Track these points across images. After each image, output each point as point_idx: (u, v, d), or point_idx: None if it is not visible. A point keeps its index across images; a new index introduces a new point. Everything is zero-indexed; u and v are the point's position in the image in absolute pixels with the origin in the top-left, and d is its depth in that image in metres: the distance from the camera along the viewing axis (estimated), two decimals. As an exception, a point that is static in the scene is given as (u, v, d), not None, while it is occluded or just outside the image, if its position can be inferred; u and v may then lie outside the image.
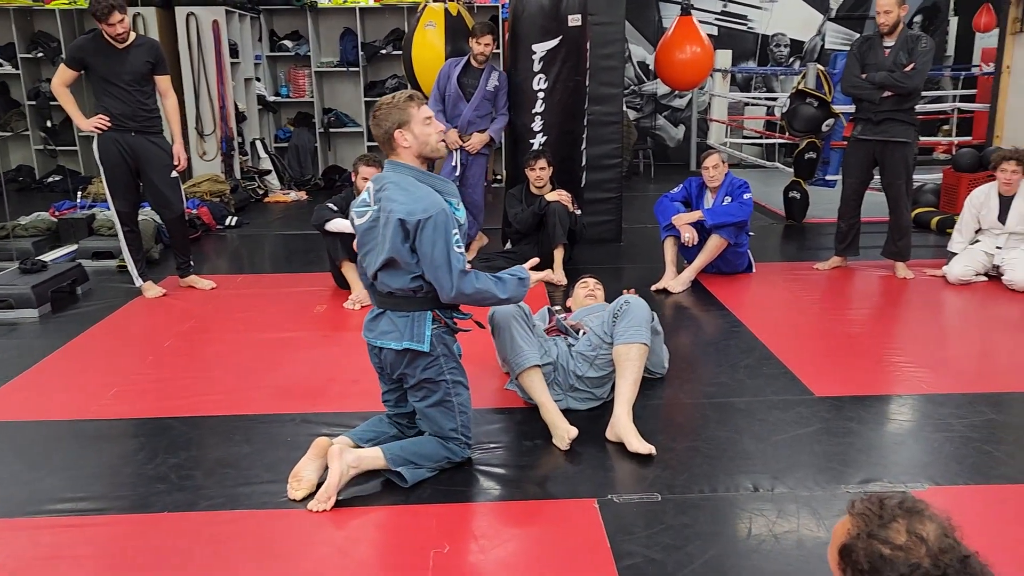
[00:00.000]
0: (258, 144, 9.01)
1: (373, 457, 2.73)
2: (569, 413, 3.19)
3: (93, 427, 3.27)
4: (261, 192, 8.66)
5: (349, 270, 4.92)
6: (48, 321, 4.63)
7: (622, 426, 3.00)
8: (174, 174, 4.95)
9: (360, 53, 9.34)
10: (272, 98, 9.55)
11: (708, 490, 2.72)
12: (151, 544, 2.46)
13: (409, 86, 7.02)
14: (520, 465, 2.92)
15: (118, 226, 4.98)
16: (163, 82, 4.89)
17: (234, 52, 8.46)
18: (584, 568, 2.31)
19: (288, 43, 9.53)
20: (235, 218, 7.34)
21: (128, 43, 4.66)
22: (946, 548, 1.16)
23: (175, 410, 3.39)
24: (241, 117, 8.64)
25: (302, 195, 8.86)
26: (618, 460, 2.94)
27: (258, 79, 9.25)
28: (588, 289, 3.92)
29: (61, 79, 4.75)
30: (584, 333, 3.40)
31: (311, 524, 2.55)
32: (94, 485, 2.79)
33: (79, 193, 6.85)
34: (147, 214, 6.37)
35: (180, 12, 7.97)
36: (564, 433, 2.99)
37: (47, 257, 5.64)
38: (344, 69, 9.48)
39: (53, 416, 3.35)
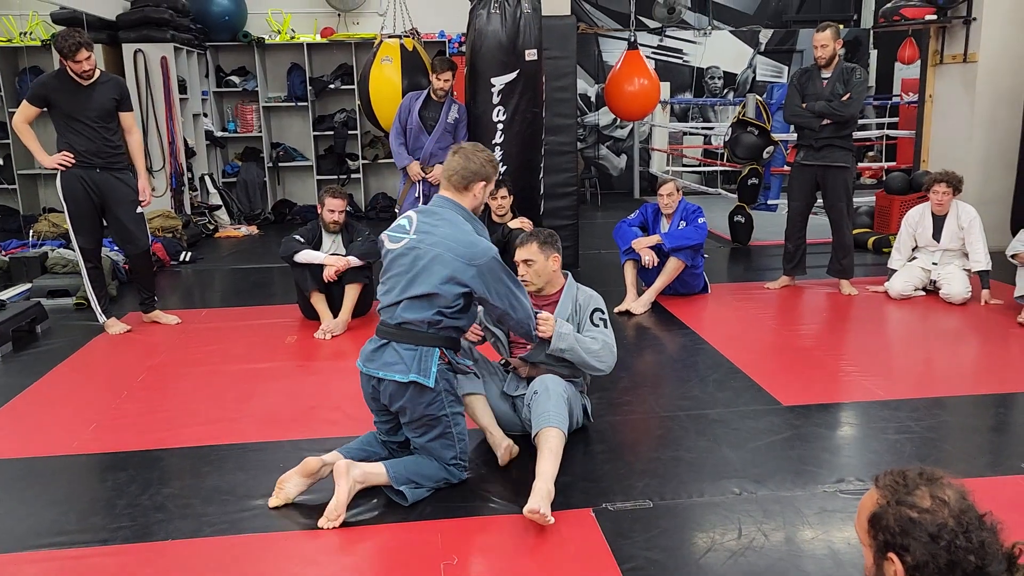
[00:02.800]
0: (207, 179, 8.96)
1: (378, 473, 2.80)
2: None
3: (79, 462, 3.25)
4: (211, 227, 8.61)
5: (318, 301, 4.97)
6: (10, 361, 4.55)
7: (536, 491, 2.70)
8: (139, 210, 4.94)
9: (308, 88, 9.40)
10: (220, 133, 9.52)
11: (696, 495, 2.87)
12: (160, 571, 2.47)
13: (363, 119, 7.11)
14: (515, 480, 3.01)
15: (81, 263, 4.93)
16: (127, 119, 4.89)
17: (182, 88, 8.43)
18: (591, 572, 2.42)
19: (235, 79, 9.53)
20: (189, 253, 7.28)
21: (93, 80, 4.67)
22: (966, 508, 1.32)
23: (161, 442, 3.39)
24: (190, 152, 8.59)
25: (253, 229, 8.82)
26: (607, 472, 3.07)
27: (205, 115, 9.22)
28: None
29: (23, 116, 4.71)
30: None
31: (320, 544, 2.60)
32: (91, 517, 2.79)
33: (31, 231, 6.73)
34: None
35: (127, 49, 7.93)
36: (505, 453, 3.05)
37: (1, 296, 5.52)
38: (292, 104, 9.53)
39: (36, 453, 3.32)
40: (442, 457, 2.88)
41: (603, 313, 3.27)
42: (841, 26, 11.37)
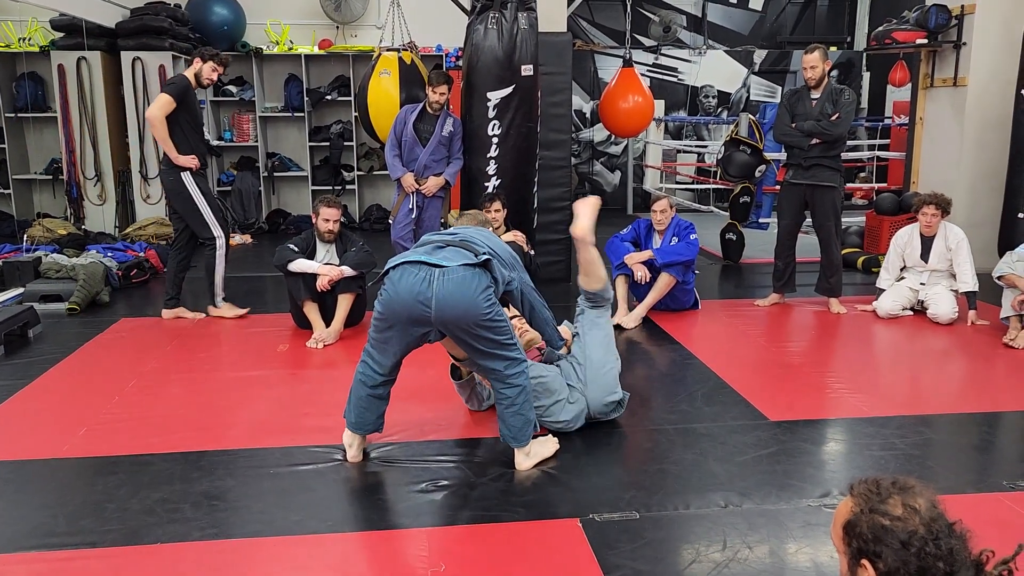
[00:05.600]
0: (202, 188, 8.97)
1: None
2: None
3: (69, 465, 3.26)
4: (205, 235, 8.61)
5: (311, 310, 5.00)
6: (2, 364, 4.55)
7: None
8: None
9: (305, 99, 9.45)
10: (216, 142, 9.54)
11: (682, 507, 2.90)
12: (149, 574, 2.49)
13: (359, 130, 7.15)
14: (501, 490, 3.04)
15: (222, 253, 5.42)
16: None
17: (179, 96, 8.46)
18: (577, 581, 2.45)
19: (232, 88, 9.58)
20: (182, 261, 7.28)
21: None
22: (936, 517, 1.36)
23: (151, 447, 3.40)
24: (186, 161, 8.61)
25: (247, 238, 8.85)
26: (595, 483, 3.10)
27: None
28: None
29: (164, 110, 5.09)
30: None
31: (309, 550, 2.61)
32: (81, 520, 2.80)
33: (25, 236, 6.75)
34: (94, 256, 6.32)
35: (126, 57, 7.98)
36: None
37: (-7, 300, 5.55)
38: (289, 114, 9.57)
39: (26, 456, 3.33)
40: (506, 360, 3.08)
41: None
42: (834, 48, 11.61)
